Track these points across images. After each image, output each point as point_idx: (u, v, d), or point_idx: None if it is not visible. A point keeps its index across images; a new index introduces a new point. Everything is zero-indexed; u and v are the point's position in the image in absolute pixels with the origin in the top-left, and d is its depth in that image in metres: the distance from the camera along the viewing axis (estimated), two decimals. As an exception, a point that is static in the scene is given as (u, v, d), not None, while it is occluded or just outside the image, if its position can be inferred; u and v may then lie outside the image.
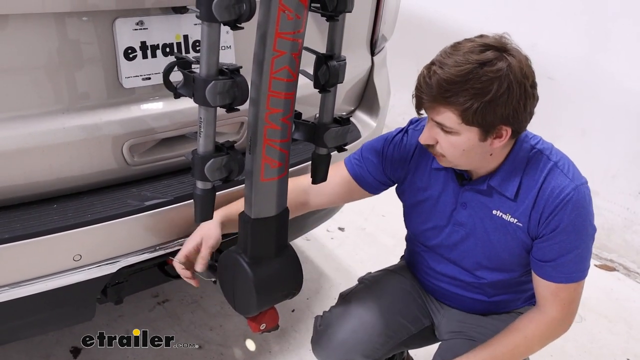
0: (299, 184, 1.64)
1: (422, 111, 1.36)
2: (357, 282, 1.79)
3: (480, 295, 1.61)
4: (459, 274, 1.59)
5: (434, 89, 1.26)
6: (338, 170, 1.64)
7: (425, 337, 1.74)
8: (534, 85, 1.30)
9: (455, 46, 1.30)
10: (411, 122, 1.62)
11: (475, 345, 1.51)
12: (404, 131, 1.60)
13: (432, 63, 1.31)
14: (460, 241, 1.53)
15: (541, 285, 1.45)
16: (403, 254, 1.88)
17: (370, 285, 1.73)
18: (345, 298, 1.71)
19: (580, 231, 1.38)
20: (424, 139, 1.37)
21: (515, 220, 1.42)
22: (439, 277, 1.65)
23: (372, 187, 1.63)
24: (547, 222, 1.38)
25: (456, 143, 1.32)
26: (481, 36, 1.32)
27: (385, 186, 1.64)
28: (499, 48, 1.27)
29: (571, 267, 1.40)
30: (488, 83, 1.23)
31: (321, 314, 1.74)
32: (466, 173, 1.46)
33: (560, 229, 1.36)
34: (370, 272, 1.82)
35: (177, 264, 1.48)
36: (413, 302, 1.70)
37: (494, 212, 1.45)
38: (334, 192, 1.65)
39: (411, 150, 1.57)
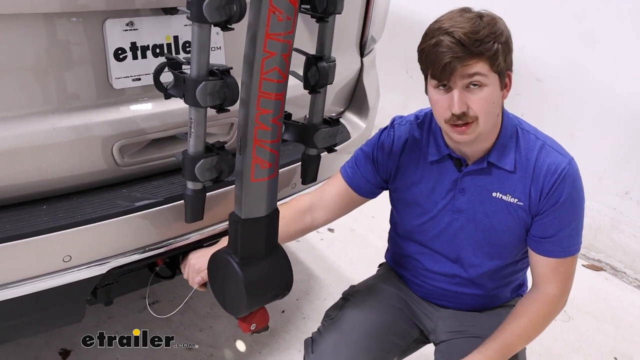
0: (298, 207, 1.66)
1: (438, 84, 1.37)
2: (341, 297, 1.75)
3: (477, 289, 1.62)
4: (458, 270, 1.60)
5: (465, 43, 1.30)
6: (335, 182, 1.66)
7: (413, 347, 1.73)
8: None
9: (439, 21, 1.37)
10: (394, 120, 1.63)
11: (480, 341, 1.52)
12: (389, 128, 1.62)
13: (440, 31, 1.33)
14: (460, 229, 1.54)
15: (541, 264, 1.49)
16: (381, 264, 1.87)
17: (357, 304, 1.69)
18: (335, 321, 1.66)
19: (576, 203, 1.44)
20: (459, 106, 1.34)
21: (516, 200, 1.46)
22: (436, 277, 1.65)
23: (369, 192, 1.64)
24: (547, 197, 1.43)
25: (487, 96, 1.35)
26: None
27: (381, 189, 1.65)
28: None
29: (569, 241, 1.46)
30: (497, 27, 1.33)
31: (311, 314, 1.73)
32: (463, 158, 1.48)
33: (560, 202, 1.42)
34: (353, 286, 1.79)
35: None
36: (401, 316, 1.69)
37: (494, 194, 1.47)
38: (335, 204, 1.66)
39: (400, 144, 1.58)
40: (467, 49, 1.30)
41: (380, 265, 1.89)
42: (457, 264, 1.59)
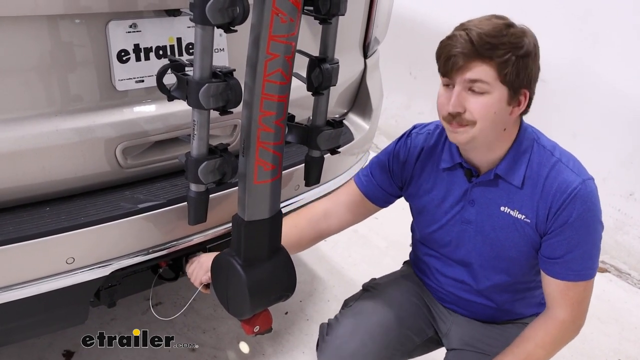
0: (313, 215, 1.67)
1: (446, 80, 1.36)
2: (361, 289, 1.77)
3: (487, 301, 1.61)
4: (467, 278, 1.59)
5: (475, 42, 1.28)
6: (349, 190, 1.67)
7: (427, 346, 1.74)
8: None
9: (468, 21, 1.35)
10: (414, 127, 1.63)
11: (487, 358, 1.51)
12: (407, 135, 1.62)
13: (462, 26, 1.34)
14: (468, 240, 1.53)
15: (550, 285, 1.45)
16: (408, 258, 1.86)
17: (376, 295, 1.70)
18: (353, 308, 1.68)
19: (588, 226, 1.39)
20: (453, 105, 1.34)
21: (523, 216, 1.42)
22: (448, 282, 1.64)
23: (384, 200, 1.65)
24: (555, 216, 1.38)
25: (488, 104, 1.32)
26: None
27: (395, 197, 1.66)
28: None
29: (580, 264, 1.40)
30: (521, 38, 1.30)
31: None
32: (474, 169, 1.46)
33: (569, 223, 1.37)
34: (374, 279, 1.80)
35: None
36: (418, 313, 1.69)
37: (502, 208, 1.45)
38: (349, 212, 1.67)
39: (416, 152, 1.57)
40: (475, 49, 1.28)
41: (404, 263, 1.89)
42: (467, 272, 1.59)
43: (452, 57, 1.31)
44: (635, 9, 2.94)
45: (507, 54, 1.28)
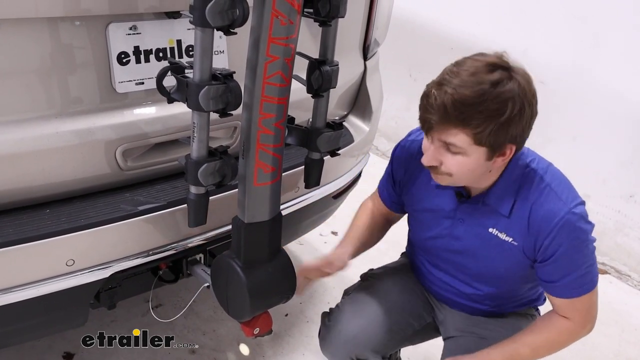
0: (374, 208, 1.74)
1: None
2: (359, 279, 1.79)
3: (479, 305, 1.62)
4: (459, 285, 1.60)
5: (448, 109, 1.22)
6: (376, 200, 1.75)
7: (427, 332, 1.76)
8: (537, 103, 1.29)
9: (459, 65, 1.26)
10: (410, 134, 1.63)
11: (487, 343, 1.51)
12: (408, 135, 1.63)
13: (440, 84, 1.25)
14: (457, 254, 1.54)
15: (554, 301, 1.46)
16: (404, 250, 1.88)
17: (375, 283, 1.74)
18: (352, 296, 1.72)
19: (580, 251, 1.38)
20: (427, 160, 1.34)
21: (511, 239, 1.42)
22: (440, 285, 1.66)
23: (396, 207, 1.70)
24: (544, 248, 1.37)
25: (463, 163, 1.29)
26: (482, 54, 1.29)
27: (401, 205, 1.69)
28: (505, 67, 1.25)
29: (579, 282, 1.41)
30: (503, 104, 1.21)
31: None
32: (464, 190, 1.46)
33: (560, 253, 1.36)
34: (372, 269, 1.82)
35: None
36: (417, 299, 1.72)
37: (490, 230, 1.45)
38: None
39: (410, 161, 1.57)
40: (448, 116, 1.23)
41: (402, 255, 1.91)
42: (456, 280, 1.61)
43: (426, 118, 1.28)
44: (636, 10, 2.94)
45: (484, 123, 1.22)
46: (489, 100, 1.20)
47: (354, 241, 1.65)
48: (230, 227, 1.47)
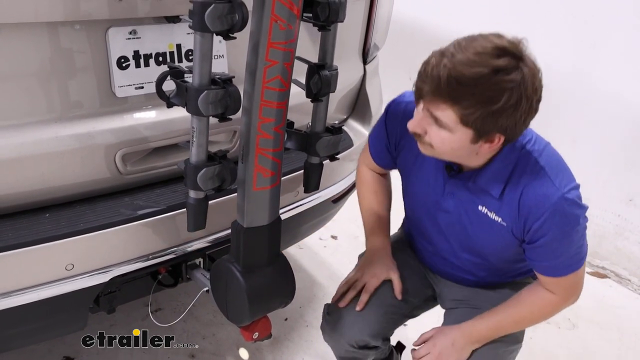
0: (375, 176, 1.78)
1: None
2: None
3: (469, 275, 1.65)
4: (449, 255, 1.62)
5: (442, 83, 1.18)
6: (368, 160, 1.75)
7: (427, 304, 1.78)
8: (539, 100, 1.25)
9: (470, 40, 1.21)
10: (404, 95, 1.60)
11: (480, 312, 1.53)
12: (402, 95, 1.59)
13: (443, 54, 1.21)
14: (447, 226, 1.55)
15: (541, 277, 1.46)
16: (402, 222, 1.89)
17: None
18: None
19: (570, 236, 1.36)
20: (413, 126, 1.31)
21: (500, 219, 1.41)
22: (435, 258, 1.69)
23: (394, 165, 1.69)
24: (533, 231, 1.36)
25: (446, 139, 1.26)
26: (498, 36, 1.22)
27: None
28: (516, 55, 1.19)
29: (567, 263, 1.41)
30: (498, 93, 1.17)
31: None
32: (455, 165, 1.43)
33: (550, 237, 1.35)
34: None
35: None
36: (417, 274, 1.73)
37: (480, 207, 1.44)
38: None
39: (408, 114, 1.45)
40: (440, 90, 1.20)
41: (399, 228, 1.91)
42: (447, 250, 1.62)
43: (420, 86, 1.26)
44: (635, 13, 2.94)
45: (473, 106, 1.18)
46: (485, 85, 1.16)
47: (384, 229, 1.75)
48: (229, 231, 1.47)
